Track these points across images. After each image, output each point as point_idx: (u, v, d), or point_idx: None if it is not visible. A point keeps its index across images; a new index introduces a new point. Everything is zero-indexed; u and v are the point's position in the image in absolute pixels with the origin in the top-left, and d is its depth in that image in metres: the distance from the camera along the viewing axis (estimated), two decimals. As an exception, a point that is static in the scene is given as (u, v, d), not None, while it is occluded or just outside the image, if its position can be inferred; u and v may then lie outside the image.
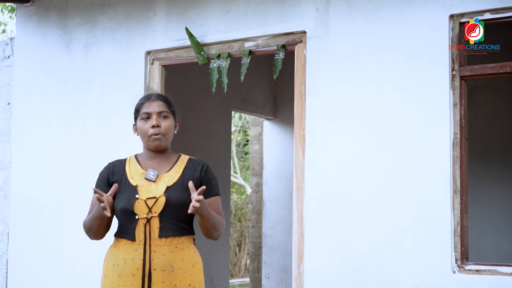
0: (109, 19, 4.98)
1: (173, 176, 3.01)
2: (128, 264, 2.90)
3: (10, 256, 5.26)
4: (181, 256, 2.94)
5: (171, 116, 3.08)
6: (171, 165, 3.06)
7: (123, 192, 2.99)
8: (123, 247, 2.94)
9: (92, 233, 3.02)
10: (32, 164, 5.20)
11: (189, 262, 2.95)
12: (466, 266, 3.70)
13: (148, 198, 2.94)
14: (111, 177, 3.05)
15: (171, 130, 3.07)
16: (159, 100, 3.08)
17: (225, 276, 7.12)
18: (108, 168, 3.10)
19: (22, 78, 5.32)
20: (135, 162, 3.08)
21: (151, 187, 2.97)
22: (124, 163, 3.10)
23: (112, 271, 2.94)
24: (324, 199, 4.08)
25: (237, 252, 12.86)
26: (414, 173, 3.84)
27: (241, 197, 13.53)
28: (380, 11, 4.01)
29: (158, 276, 2.88)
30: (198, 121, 6.58)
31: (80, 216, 5.08)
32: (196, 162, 3.08)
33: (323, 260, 4.05)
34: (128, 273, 2.90)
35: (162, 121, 3.04)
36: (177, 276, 2.91)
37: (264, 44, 4.42)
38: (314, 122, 4.16)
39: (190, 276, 2.94)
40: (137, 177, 3.01)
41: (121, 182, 3.01)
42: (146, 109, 3.06)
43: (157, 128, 3.02)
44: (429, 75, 3.84)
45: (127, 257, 2.91)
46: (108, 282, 2.94)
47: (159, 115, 3.05)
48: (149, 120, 3.04)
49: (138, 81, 4.78)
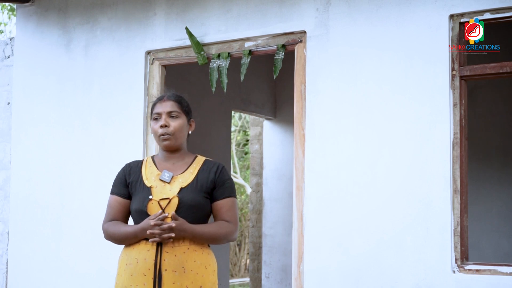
0: (109, 19, 4.97)
1: (187, 177, 3.03)
2: (140, 264, 2.92)
3: (10, 256, 5.26)
4: (194, 258, 2.94)
5: (183, 115, 3.10)
6: (187, 167, 3.08)
7: (138, 193, 3.02)
8: (137, 247, 2.96)
9: (120, 243, 3.05)
10: (32, 164, 5.20)
11: (201, 264, 2.95)
12: (466, 266, 3.70)
13: (161, 199, 2.97)
14: (128, 177, 3.09)
15: (181, 130, 3.08)
16: (170, 100, 3.11)
17: (225, 276, 7.12)
18: (125, 169, 3.14)
19: (22, 78, 5.32)
20: (152, 163, 3.11)
21: (165, 188, 2.99)
22: (141, 164, 3.13)
23: (125, 270, 2.96)
24: (324, 199, 4.08)
25: (237, 252, 12.86)
26: (414, 173, 3.83)
27: (241, 197, 13.53)
28: (380, 11, 4.01)
29: (169, 277, 2.89)
30: (198, 121, 6.54)
31: (80, 216, 5.10)
32: (212, 164, 3.10)
33: (323, 260, 4.05)
34: (139, 272, 2.91)
35: (171, 121, 3.06)
36: (188, 278, 2.91)
37: (264, 44, 4.41)
38: (314, 122, 4.16)
39: (202, 278, 2.94)
40: (152, 178, 3.04)
41: (136, 183, 3.05)
42: (157, 109, 3.10)
43: (165, 128, 3.04)
44: (429, 75, 3.84)
45: (140, 256, 2.93)
46: (121, 281, 2.97)
47: (168, 115, 3.07)
48: (159, 120, 3.07)
49: (138, 81, 4.78)
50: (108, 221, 3.08)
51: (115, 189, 3.10)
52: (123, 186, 3.08)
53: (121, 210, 3.07)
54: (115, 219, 3.07)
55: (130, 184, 3.06)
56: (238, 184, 13.46)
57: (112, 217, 3.07)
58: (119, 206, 3.07)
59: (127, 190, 3.06)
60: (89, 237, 4.86)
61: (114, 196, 3.09)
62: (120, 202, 3.07)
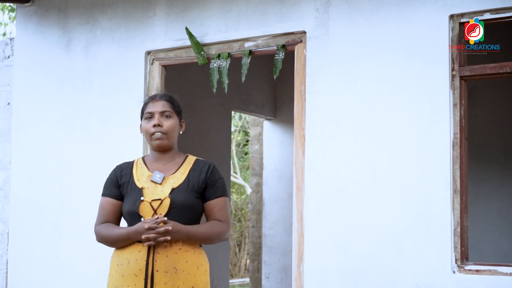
0: (109, 19, 4.97)
1: (178, 178, 3.02)
2: (132, 264, 2.91)
3: (10, 256, 5.26)
4: (185, 258, 2.94)
5: (175, 116, 3.09)
6: (177, 167, 3.07)
7: (129, 194, 3.02)
8: (128, 248, 2.96)
9: (112, 246, 3.04)
10: (32, 164, 5.20)
11: (193, 264, 2.95)
12: (466, 266, 3.70)
13: (153, 200, 2.96)
14: (120, 179, 3.08)
15: (173, 130, 3.07)
16: (162, 100, 3.10)
17: (225, 276, 7.12)
18: (116, 171, 3.13)
19: (22, 78, 5.32)
20: (142, 164, 3.10)
21: (157, 189, 2.99)
22: (132, 165, 3.12)
23: (116, 271, 2.96)
24: (324, 199, 4.08)
25: (237, 252, 12.85)
26: (414, 173, 3.83)
27: (241, 197, 13.52)
28: (380, 11, 4.01)
29: (161, 278, 2.89)
30: (198, 121, 6.57)
31: (80, 216, 5.10)
32: (203, 163, 3.09)
33: (323, 260, 4.05)
34: (131, 273, 2.91)
35: (164, 121, 3.05)
36: (180, 278, 2.91)
37: (264, 44, 4.42)
38: (314, 122, 4.16)
39: (194, 278, 2.94)
40: (143, 179, 3.03)
41: (128, 185, 3.04)
42: (149, 109, 3.09)
43: (158, 127, 3.03)
44: (429, 75, 3.84)
45: (131, 257, 2.93)
46: (112, 282, 2.97)
47: (161, 114, 3.06)
48: (151, 119, 3.06)
49: (138, 81, 4.78)
50: (100, 223, 3.05)
51: (107, 191, 3.08)
52: (115, 187, 3.06)
53: (114, 212, 3.05)
54: (108, 221, 3.04)
55: (122, 185, 3.05)
56: (238, 184, 13.45)
57: (104, 219, 3.05)
58: (111, 207, 3.05)
59: (119, 191, 3.05)
60: (89, 237, 4.83)
61: (106, 197, 3.07)
62: (113, 204, 3.06)
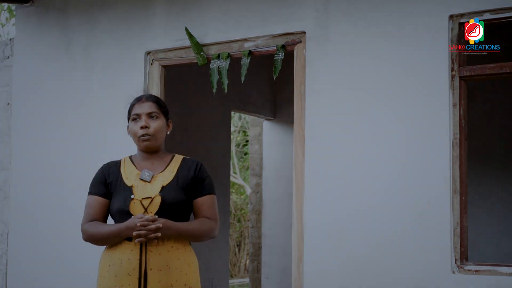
0: (108, 19, 4.97)
1: (168, 176, 3.02)
2: (124, 264, 2.90)
3: (10, 256, 5.26)
4: (177, 256, 2.94)
5: (162, 116, 3.08)
6: (166, 165, 3.07)
7: (119, 193, 3.00)
8: (119, 247, 2.94)
9: (101, 244, 3.03)
10: (32, 164, 5.20)
11: (184, 262, 2.96)
12: (465, 266, 3.70)
13: (143, 198, 2.95)
14: (107, 177, 3.07)
15: (161, 131, 3.07)
16: (149, 101, 3.09)
17: (224, 277, 7.12)
18: (103, 169, 3.12)
19: (21, 78, 5.32)
20: (130, 163, 3.10)
21: (146, 188, 2.98)
22: (119, 164, 3.11)
23: (108, 271, 2.94)
24: (324, 199, 4.08)
25: (236, 252, 12.85)
26: (414, 173, 3.84)
27: (241, 197, 13.52)
28: (380, 11, 4.01)
29: (154, 276, 2.89)
30: (198, 121, 6.57)
31: (79, 216, 5.06)
32: (190, 162, 3.09)
33: (322, 260, 4.05)
34: (124, 273, 2.90)
35: (151, 122, 3.04)
36: (173, 276, 2.91)
37: (264, 44, 4.42)
38: (313, 122, 4.16)
39: (186, 276, 2.95)
40: (132, 178, 3.02)
41: (116, 183, 3.03)
42: (136, 110, 3.08)
43: (145, 129, 3.03)
44: (428, 75, 3.84)
45: (123, 257, 2.92)
46: (104, 283, 2.94)
47: (148, 115, 3.05)
48: (138, 121, 3.05)
49: (137, 81, 4.78)
50: (87, 222, 3.03)
51: (95, 189, 3.07)
52: (103, 186, 3.05)
53: (102, 210, 3.04)
54: (95, 219, 3.03)
55: (110, 184, 3.04)
56: (238, 184, 13.45)
57: (92, 217, 3.03)
58: (99, 206, 3.04)
59: (107, 190, 3.04)
60: (89, 237, 4.85)
61: (94, 196, 3.06)
62: (101, 202, 3.04)
